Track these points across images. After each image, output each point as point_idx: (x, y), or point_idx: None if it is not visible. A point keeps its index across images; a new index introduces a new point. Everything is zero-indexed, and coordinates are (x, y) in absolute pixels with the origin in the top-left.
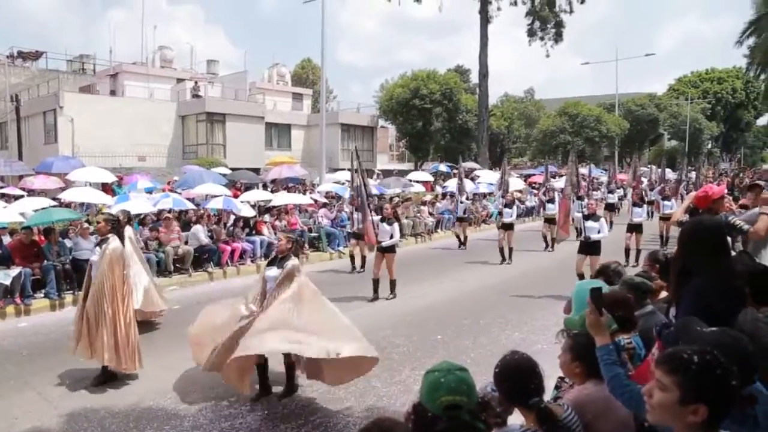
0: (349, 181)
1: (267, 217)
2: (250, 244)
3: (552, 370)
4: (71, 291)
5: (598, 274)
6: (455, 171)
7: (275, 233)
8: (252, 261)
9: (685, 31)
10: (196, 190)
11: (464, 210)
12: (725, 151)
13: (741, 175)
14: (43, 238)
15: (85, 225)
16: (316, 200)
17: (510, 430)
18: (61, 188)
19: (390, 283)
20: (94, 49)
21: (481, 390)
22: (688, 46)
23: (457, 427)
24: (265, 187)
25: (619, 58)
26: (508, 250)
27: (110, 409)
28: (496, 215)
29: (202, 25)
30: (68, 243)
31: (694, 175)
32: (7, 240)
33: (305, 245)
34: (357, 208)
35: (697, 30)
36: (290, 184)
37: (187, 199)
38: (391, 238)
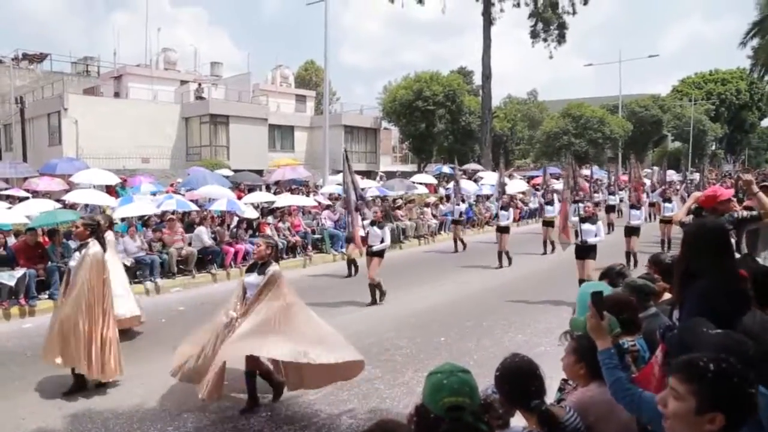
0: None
1: (270, 219)
2: (253, 246)
3: (555, 373)
4: None
5: (602, 277)
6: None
7: (278, 235)
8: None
9: (688, 33)
10: (200, 191)
11: (460, 213)
12: (729, 153)
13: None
14: (48, 240)
15: None
16: (319, 202)
17: None
18: (66, 190)
19: (369, 288)
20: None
21: (482, 392)
22: (692, 48)
23: (460, 428)
24: (268, 188)
25: (623, 59)
26: (504, 254)
27: (114, 410)
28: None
29: (205, 27)
30: (72, 244)
31: (698, 176)
32: (12, 241)
33: (308, 247)
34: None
35: (700, 31)
36: (293, 186)
37: (191, 201)
38: (382, 242)
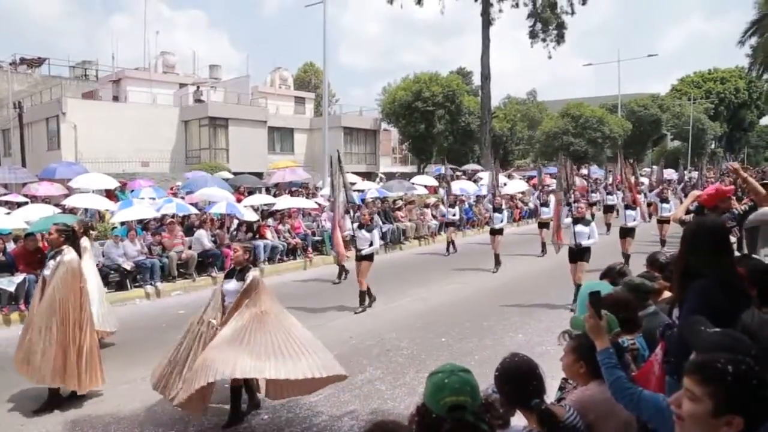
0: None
1: (270, 221)
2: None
3: (556, 372)
4: None
5: (603, 276)
6: (458, 173)
7: (279, 237)
8: (255, 265)
9: (687, 32)
10: (199, 193)
11: (453, 214)
12: (729, 151)
13: (744, 185)
14: (47, 245)
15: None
16: (319, 204)
17: (512, 431)
18: (65, 195)
19: (359, 295)
20: (96, 55)
21: (483, 392)
22: (691, 47)
23: (462, 427)
24: (268, 191)
25: (621, 59)
26: (494, 256)
27: (115, 415)
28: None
29: (204, 30)
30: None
31: (696, 175)
32: (11, 247)
33: (309, 249)
34: (347, 212)
35: (699, 30)
36: (293, 188)
37: (190, 204)
38: (370, 245)
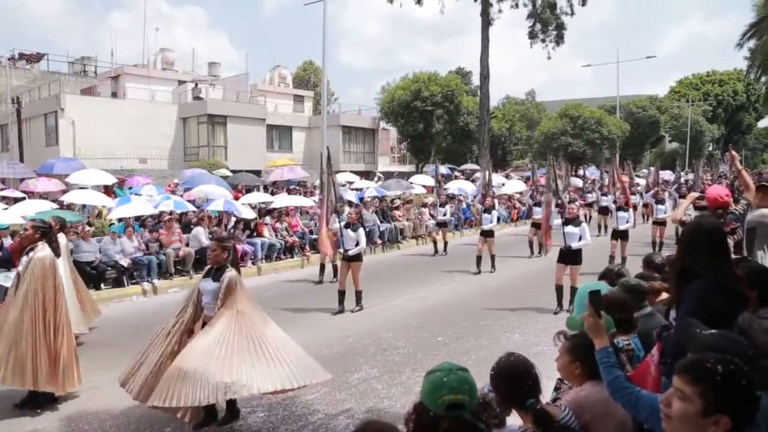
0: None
1: (268, 219)
2: (251, 246)
3: (552, 372)
4: None
5: (601, 277)
6: (456, 173)
7: (276, 235)
8: (253, 263)
9: (686, 34)
10: (196, 190)
11: (444, 214)
12: (727, 153)
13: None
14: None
15: (87, 228)
16: (317, 202)
17: (508, 431)
18: (63, 191)
19: (356, 295)
20: (95, 51)
21: (479, 391)
22: (689, 49)
23: (459, 426)
24: (266, 189)
25: (620, 60)
26: (490, 258)
27: (110, 412)
28: (504, 217)
29: (203, 27)
30: (69, 245)
31: (692, 177)
32: (8, 242)
33: (306, 247)
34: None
35: (698, 32)
36: (291, 186)
37: (188, 201)
38: (357, 245)
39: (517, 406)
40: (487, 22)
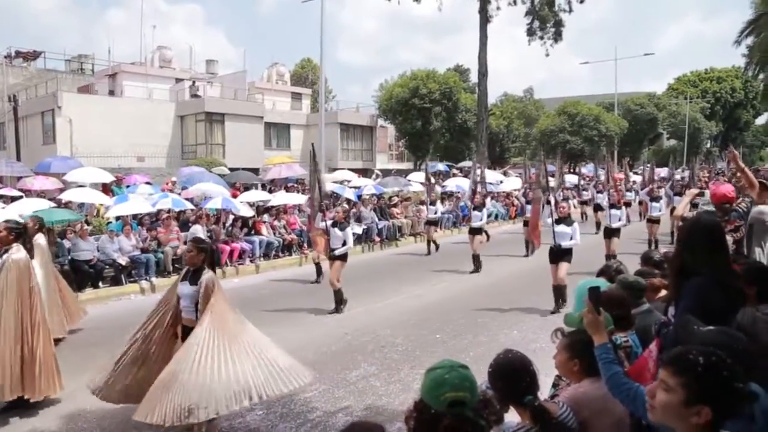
0: (335, 182)
1: (266, 217)
2: (249, 244)
3: (550, 369)
4: None
5: (599, 274)
6: (454, 171)
7: (274, 233)
8: (251, 261)
9: (684, 31)
10: (194, 188)
11: (435, 212)
12: (724, 151)
13: (738, 175)
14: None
15: (85, 226)
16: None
17: (506, 428)
18: (60, 189)
19: (335, 295)
20: (92, 49)
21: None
22: (688, 46)
23: (461, 423)
24: (264, 187)
25: (618, 57)
26: (472, 257)
27: (109, 410)
28: (502, 214)
29: (201, 24)
30: (67, 244)
31: (688, 174)
32: None
33: (304, 245)
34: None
35: (696, 29)
36: (289, 184)
37: (186, 199)
38: (344, 245)
39: (515, 403)
40: (485, 19)
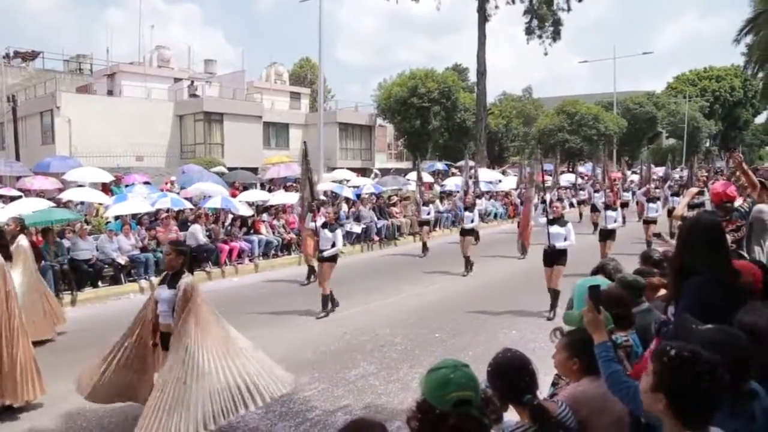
0: (334, 181)
1: (265, 217)
2: (248, 244)
3: (549, 368)
4: (69, 291)
5: (596, 272)
6: (453, 171)
7: (273, 232)
8: (250, 260)
9: (683, 29)
10: (193, 187)
11: (427, 213)
12: (723, 150)
13: (737, 174)
14: (41, 239)
15: (85, 226)
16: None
17: (505, 427)
18: (59, 189)
19: (322, 299)
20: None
21: None
22: (687, 44)
23: (467, 421)
24: (263, 186)
25: (617, 56)
26: (464, 259)
27: (109, 408)
28: (502, 213)
29: (199, 24)
30: (66, 243)
31: (686, 173)
32: None
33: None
34: (309, 210)
35: (695, 28)
36: (288, 183)
37: (185, 199)
38: (333, 246)
39: (514, 402)
40: (483, 18)
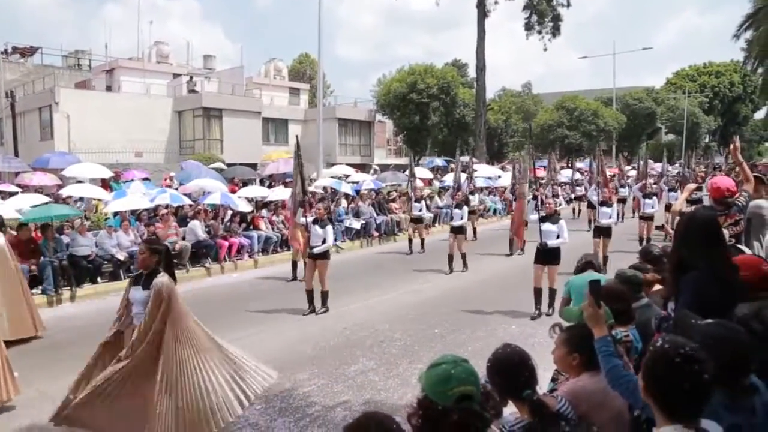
0: (333, 176)
1: (264, 212)
2: (247, 240)
3: (549, 363)
4: (68, 287)
5: (583, 267)
6: (452, 166)
7: (272, 228)
8: (249, 256)
9: (682, 25)
10: (192, 183)
11: (419, 210)
12: (723, 145)
13: (737, 169)
14: (40, 235)
15: (84, 222)
16: (313, 194)
17: (505, 422)
18: (58, 185)
19: (322, 295)
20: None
21: None
22: (686, 40)
23: (470, 416)
24: (262, 182)
25: (617, 51)
26: (461, 256)
27: None
28: (501, 209)
29: (198, 19)
30: (65, 239)
31: (680, 170)
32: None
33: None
34: (300, 205)
35: (694, 24)
36: (287, 179)
37: (184, 195)
38: (324, 243)
39: (514, 397)
40: (483, 13)
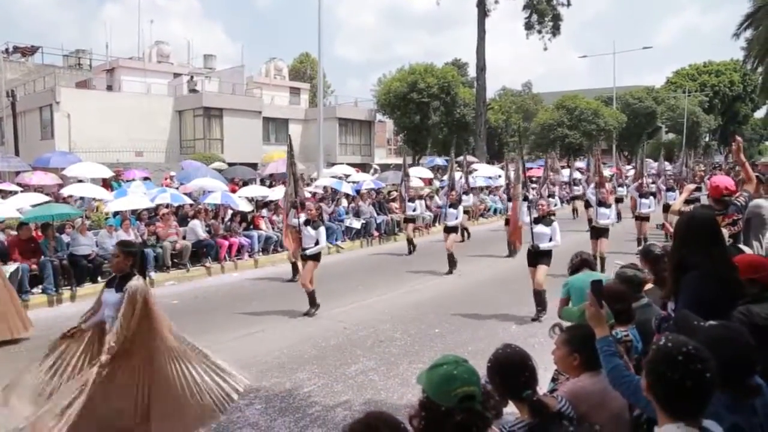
0: (333, 176)
1: (264, 212)
2: (247, 239)
3: (549, 363)
4: (69, 287)
5: (578, 267)
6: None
7: (273, 228)
8: (250, 256)
9: (682, 24)
10: (192, 183)
11: (413, 209)
12: (723, 144)
13: (736, 168)
14: (41, 234)
15: (85, 221)
16: (314, 194)
17: (505, 423)
18: (59, 184)
19: (309, 297)
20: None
21: None
22: (686, 39)
23: (472, 416)
24: (262, 182)
25: (617, 51)
26: (447, 257)
27: None
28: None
29: (198, 19)
30: (65, 238)
31: (677, 169)
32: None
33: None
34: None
35: (694, 23)
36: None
37: (185, 194)
38: (316, 244)
39: (514, 398)
40: (483, 13)
